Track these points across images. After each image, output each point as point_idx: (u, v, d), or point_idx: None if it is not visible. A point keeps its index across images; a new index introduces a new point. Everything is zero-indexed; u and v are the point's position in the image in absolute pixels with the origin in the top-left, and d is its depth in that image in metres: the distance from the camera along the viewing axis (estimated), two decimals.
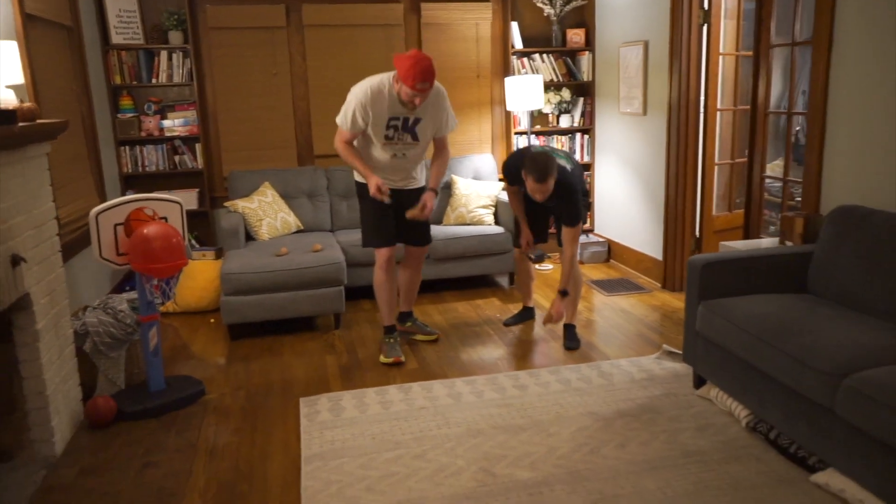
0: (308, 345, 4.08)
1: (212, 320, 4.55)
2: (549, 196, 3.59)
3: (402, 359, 3.72)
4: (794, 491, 2.46)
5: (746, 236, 4.22)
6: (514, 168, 3.76)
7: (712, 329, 2.99)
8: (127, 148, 5.13)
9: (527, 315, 4.33)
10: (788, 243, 3.57)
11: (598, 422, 3.00)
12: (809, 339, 2.54)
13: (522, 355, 3.83)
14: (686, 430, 2.90)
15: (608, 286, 5.01)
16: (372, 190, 3.48)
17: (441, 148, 3.74)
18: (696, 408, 3.10)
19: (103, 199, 4.48)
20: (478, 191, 5.14)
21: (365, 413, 3.15)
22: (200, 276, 4.62)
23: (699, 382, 3.27)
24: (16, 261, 2.60)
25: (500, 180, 4.33)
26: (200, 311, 4.69)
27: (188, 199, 5.16)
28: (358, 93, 3.45)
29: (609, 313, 4.47)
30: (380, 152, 3.60)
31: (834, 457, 2.41)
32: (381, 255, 3.73)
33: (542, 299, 4.73)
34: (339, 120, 3.54)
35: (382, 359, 3.75)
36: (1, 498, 2.56)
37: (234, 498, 2.56)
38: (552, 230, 4.07)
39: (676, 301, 4.61)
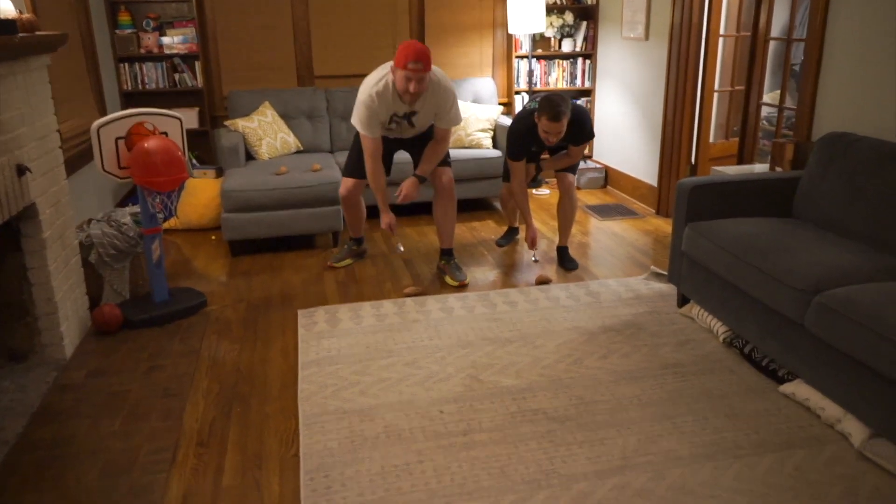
0: (307, 261, 4.20)
1: (213, 237, 4.66)
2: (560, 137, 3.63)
3: (337, 265, 4.04)
4: (762, 399, 2.62)
5: (740, 163, 4.28)
6: (524, 129, 3.72)
7: (697, 250, 3.09)
8: (126, 65, 5.13)
9: (513, 234, 4.45)
10: (778, 169, 3.63)
11: (583, 336, 3.14)
12: (787, 259, 2.65)
13: (514, 274, 3.96)
14: (666, 345, 3.05)
15: (603, 211, 5.10)
16: (382, 224, 3.69)
17: (440, 139, 3.67)
18: (677, 325, 3.24)
19: (104, 116, 4.52)
20: (476, 114, 5.16)
21: (360, 325, 3.29)
22: (202, 194, 4.71)
23: (683, 301, 3.40)
24: (21, 171, 2.69)
25: (503, 175, 4.22)
26: (202, 229, 4.81)
27: (188, 117, 5.20)
28: (366, 101, 3.48)
29: (602, 237, 4.58)
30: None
31: (802, 369, 2.55)
32: (344, 183, 3.91)
33: (539, 224, 4.82)
34: (358, 126, 3.56)
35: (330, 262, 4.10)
36: (17, 395, 2.73)
37: (235, 398, 2.72)
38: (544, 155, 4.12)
39: (669, 226, 4.71)
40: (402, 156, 3.98)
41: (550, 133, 3.57)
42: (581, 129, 3.73)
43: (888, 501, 2.09)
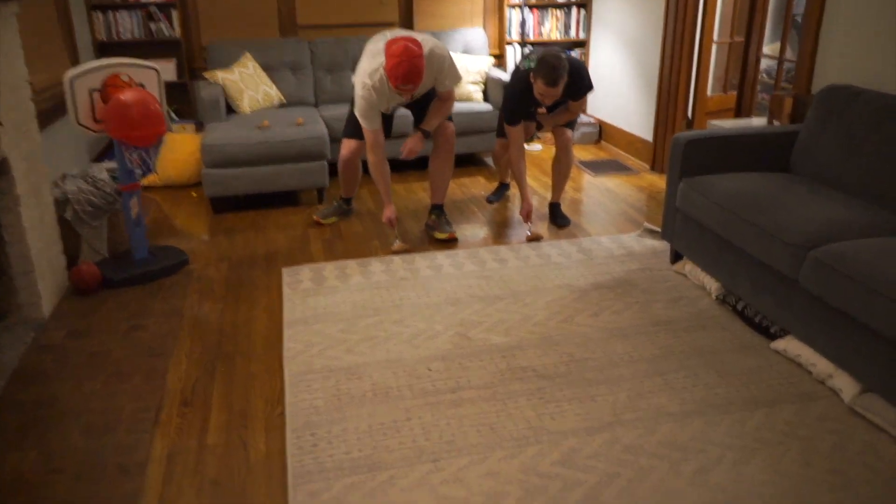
0: (291, 219, 4.20)
1: (194, 194, 4.64)
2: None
3: (323, 221, 4.07)
4: (753, 355, 2.66)
5: (738, 117, 4.28)
6: (519, 92, 3.68)
7: (691, 205, 3.11)
8: (100, 14, 5.03)
9: (504, 190, 4.45)
10: (776, 123, 3.63)
11: (574, 293, 3.17)
12: (782, 214, 2.67)
13: (504, 231, 3.97)
14: (658, 302, 3.08)
15: (596, 167, 5.10)
16: (384, 218, 3.71)
17: (445, 98, 3.67)
18: (670, 282, 3.27)
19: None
20: (467, 66, 5.11)
21: (346, 283, 3.31)
22: (181, 149, 4.67)
23: (676, 258, 3.43)
24: None
25: (498, 134, 4.16)
26: (182, 186, 4.78)
27: (165, 69, 5.12)
28: (364, 94, 3.47)
29: (595, 193, 4.59)
30: None
31: (794, 325, 2.59)
32: (346, 145, 3.88)
33: (531, 180, 4.82)
34: (358, 117, 3.56)
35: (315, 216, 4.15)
36: None
37: (219, 357, 2.74)
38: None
39: (663, 182, 4.72)
40: (401, 110, 3.97)
41: (546, 96, 3.55)
42: (579, 83, 3.68)
43: (878, 455, 2.15)
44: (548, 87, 3.49)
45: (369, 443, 2.20)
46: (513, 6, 5.64)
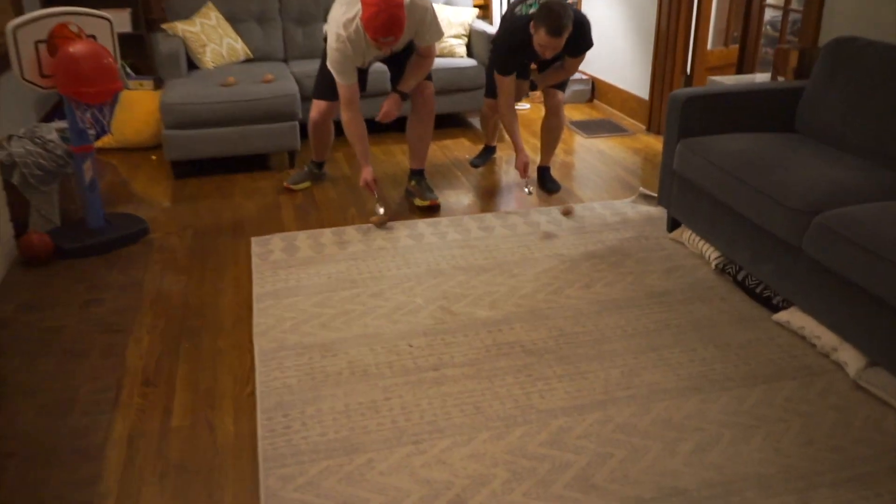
0: (260, 184, 4.15)
1: (153, 157, 4.57)
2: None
3: (294, 187, 4.04)
4: (754, 329, 2.69)
5: (740, 72, 4.27)
6: (517, 41, 3.58)
7: (689, 168, 3.11)
8: None
9: (490, 153, 4.42)
10: (781, 79, 3.63)
11: (565, 263, 3.18)
12: (785, 176, 2.67)
13: (490, 197, 3.95)
14: (653, 272, 3.09)
15: (589, 128, 5.08)
16: (361, 182, 3.63)
17: (425, 55, 3.59)
18: (666, 250, 3.28)
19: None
20: (449, 18, 5.04)
21: (320, 253, 3.29)
22: (138, 108, 4.59)
23: (673, 225, 3.43)
24: None
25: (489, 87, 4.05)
26: (140, 148, 4.70)
27: (120, 19, 5.01)
28: (339, 46, 3.36)
29: (587, 156, 4.58)
30: None
31: (797, 296, 2.61)
32: (316, 106, 3.83)
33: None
34: (332, 71, 3.45)
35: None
36: None
37: (184, 332, 2.72)
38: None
39: (660, 144, 4.71)
40: (377, 65, 3.91)
41: (547, 47, 3.45)
42: (580, 38, 3.60)
43: (881, 431, 2.18)
44: (550, 38, 3.38)
45: (346, 424, 2.20)
46: None
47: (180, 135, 4.09)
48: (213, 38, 4.71)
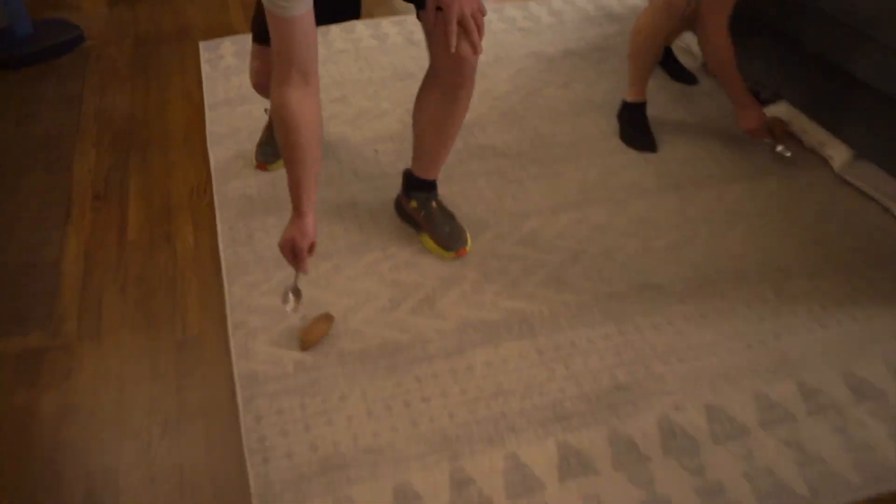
0: None
1: None
2: None
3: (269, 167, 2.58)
4: None
5: None
6: None
7: None
8: None
9: None
10: None
11: (542, 62, 3.16)
12: None
13: None
14: None
15: None
16: (284, 240, 1.79)
17: None
18: None
19: None
20: None
21: None
22: None
23: None
24: None
25: None
26: None
27: None
28: None
29: None
30: None
31: (786, 88, 2.65)
32: (255, 55, 2.29)
33: None
34: None
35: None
36: None
37: (132, 146, 2.73)
38: None
39: None
40: None
41: None
42: None
43: (861, 224, 2.31)
44: None
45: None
46: None
47: None
48: None
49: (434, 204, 2.24)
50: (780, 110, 2.71)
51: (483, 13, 1.67)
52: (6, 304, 2.08)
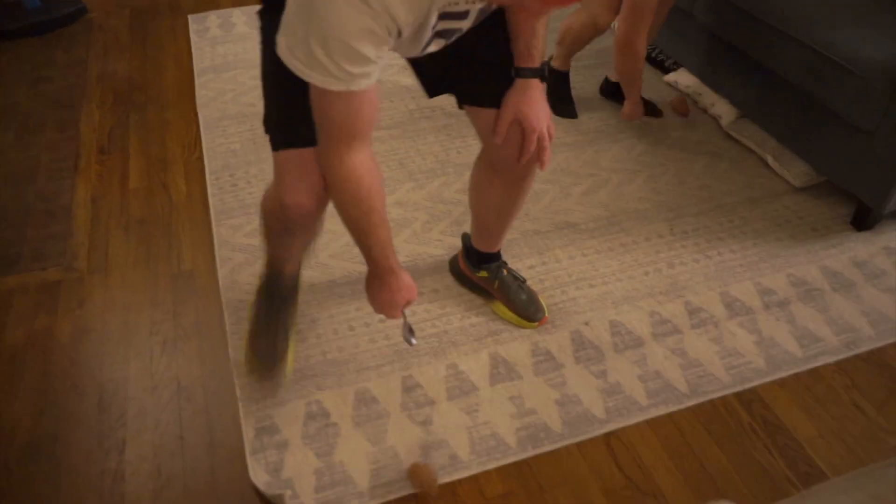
0: None
1: None
2: None
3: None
4: (647, 88, 2.74)
5: None
6: None
7: None
8: None
9: None
10: None
11: None
12: None
13: None
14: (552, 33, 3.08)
15: None
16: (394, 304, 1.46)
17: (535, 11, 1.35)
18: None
19: None
20: None
21: (256, 28, 3.16)
22: None
23: None
24: None
25: None
26: None
27: None
28: None
29: None
30: None
31: (687, 58, 2.66)
32: (285, 165, 1.39)
33: None
34: (324, 66, 1.05)
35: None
36: None
37: (132, 106, 2.67)
38: None
39: None
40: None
41: None
42: None
43: (742, 172, 2.36)
44: None
45: None
46: None
47: None
48: None
49: (505, 272, 1.86)
50: (680, 76, 2.73)
51: (552, 129, 1.48)
52: (28, 244, 2.06)
